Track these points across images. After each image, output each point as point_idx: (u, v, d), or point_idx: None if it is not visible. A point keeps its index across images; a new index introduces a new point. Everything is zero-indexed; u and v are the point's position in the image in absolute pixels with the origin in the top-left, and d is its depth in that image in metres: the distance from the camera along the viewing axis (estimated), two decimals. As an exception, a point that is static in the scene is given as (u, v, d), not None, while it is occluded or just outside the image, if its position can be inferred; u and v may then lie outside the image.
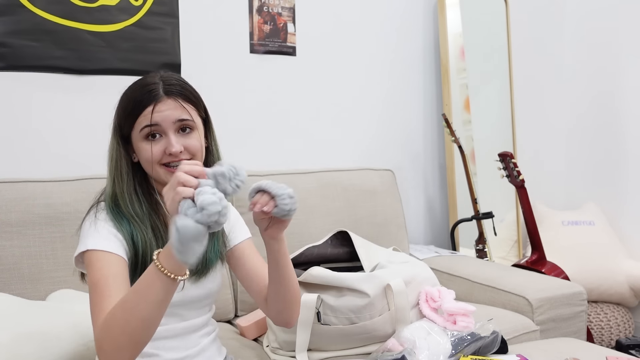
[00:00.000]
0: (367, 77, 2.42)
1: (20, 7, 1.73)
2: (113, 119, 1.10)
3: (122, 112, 1.08)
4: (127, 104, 1.07)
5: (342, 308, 1.36)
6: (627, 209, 2.67)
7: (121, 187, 1.07)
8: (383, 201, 2.15)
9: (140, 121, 1.05)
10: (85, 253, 1.01)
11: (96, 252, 0.99)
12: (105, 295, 0.93)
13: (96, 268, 0.97)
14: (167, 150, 1.04)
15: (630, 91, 2.65)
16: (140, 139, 1.06)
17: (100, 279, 0.96)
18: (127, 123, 1.07)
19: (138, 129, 1.05)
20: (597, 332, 2.41)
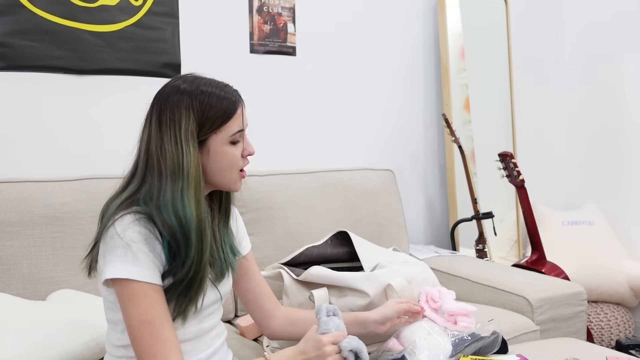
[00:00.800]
0: (366, 77, 2.42)
1: (20, 7, 1.73)
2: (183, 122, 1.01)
3: (209, 115, 1.02)
4: (216, 106, 1.02)
5: (343, 308, 1.35)
6: (627, 209, 2.67)
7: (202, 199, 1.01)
8: (383, 201, 2.15)
9: (230, 126, 1.03)
10: (124, 281, 0.96)
11: (140, 283, 0.96)
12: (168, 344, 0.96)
13: (145, 306, 0.96)
14: (245, 153, 1.06)
15: (630, 91, 2.65)
16: (225, 143, 1.04)
17: (153, 320, 0.96)
18: (213, 127, 1.02)
19: (227, 134, 1.03)
20: (597, 332, 2.41)
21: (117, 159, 1.93)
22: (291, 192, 1.96)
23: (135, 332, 0.96)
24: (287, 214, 1.92)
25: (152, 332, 0.96)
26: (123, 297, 0.97)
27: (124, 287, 0.96)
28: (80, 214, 1.61)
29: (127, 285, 0.96)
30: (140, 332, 0.96)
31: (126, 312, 0.97)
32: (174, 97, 1.03)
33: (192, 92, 1.03)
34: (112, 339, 1.07)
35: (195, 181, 1.00)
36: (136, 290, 0.96)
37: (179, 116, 1.01)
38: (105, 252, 0.98)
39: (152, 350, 0.95)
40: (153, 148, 1.02)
